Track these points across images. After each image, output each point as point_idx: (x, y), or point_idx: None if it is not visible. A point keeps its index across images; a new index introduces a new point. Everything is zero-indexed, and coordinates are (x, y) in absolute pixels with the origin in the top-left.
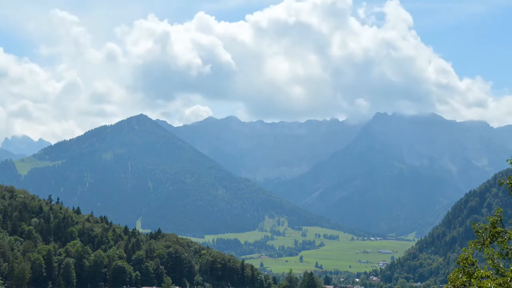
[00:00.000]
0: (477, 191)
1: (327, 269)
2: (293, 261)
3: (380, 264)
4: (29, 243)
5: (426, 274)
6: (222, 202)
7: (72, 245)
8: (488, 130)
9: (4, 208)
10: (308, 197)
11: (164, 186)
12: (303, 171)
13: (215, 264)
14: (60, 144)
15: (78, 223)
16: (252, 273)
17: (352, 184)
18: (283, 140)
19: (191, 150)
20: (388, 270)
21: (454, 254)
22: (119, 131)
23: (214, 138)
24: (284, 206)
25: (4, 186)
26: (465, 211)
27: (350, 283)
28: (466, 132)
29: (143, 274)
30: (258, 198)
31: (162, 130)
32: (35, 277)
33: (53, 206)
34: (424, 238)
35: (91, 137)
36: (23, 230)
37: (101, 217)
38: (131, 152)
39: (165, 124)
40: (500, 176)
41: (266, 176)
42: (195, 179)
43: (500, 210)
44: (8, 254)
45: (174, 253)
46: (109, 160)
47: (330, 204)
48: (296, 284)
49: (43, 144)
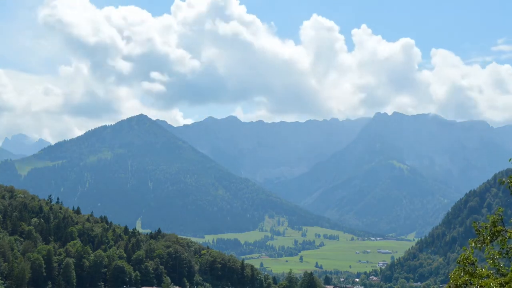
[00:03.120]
0: (477, 191)
1: (327, 269)
2: (293, 261)
3: (380, 264)
4: (29, 243)
5: (426, 274)
6: (222, 202)
7: (72, 245)
8: (488, 130)
9: (4, 208)
10: (308, 197)
11: (164, 186)
12: (303, 171)
13: (215, 264)
14: (60, 144)
15: (78, 223)
16: (252, 273)
17: (352, 184)
18: (283, 140)
19: (191, 150)
20: (388, 270)
21: (454, 254)
22: (119, 131)
23: (214, 138)
24: (284, 206)
25: (4, 186)
26: (465, 211)
27: (350, 283)
28: (466, 132)
29: (143, 274)
30: (258, 198)
31: (162, 130)
32: (35, 277)
33: (53, 206)
34: (424, 238)
35: (91, 137)
36: (23, 230)
37: (101, 217)
38: (131, 152)
39: (165, 124)
40: (500, 176)
41: (266, 176)
42: (195, 179)
43: (501, 209)
44: (8, 254)
45: (174, 253)
46: (109, 160)
47: (330, 204)
48: (296, 284)
49: (43, 144)
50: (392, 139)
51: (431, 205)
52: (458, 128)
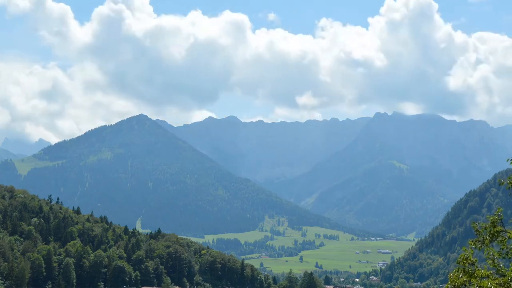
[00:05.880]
0: (477, 191)
1: (327, 269)
2: (293, 261)
3: (380, 264)
4: (29, 243)
5: (426, 274)
6: (222, 202)
7: (72, 245)
8: (488, 130)
9: (4, 208)
10: (308, 197)
11: (164, 186)
12: (303, 171)
13: (215, 264)
14: (60, 144)
15: (78, 223)
16: (252, 273)
17: (352, 184)
18: (283, 140)
19: (191, 150)
20: (388, 270)
21: (454, 254)
22: (119, 131)
23: (214, 138)
24: (284, 206)
25: (4, 186)
26: (465, 211)
27: (350, 283)
28: (466, 132)
29: (143, 274)
30: (258, 198)
31: (162, 130)
32: (35, 277)
33: (53, 206)
34: (424, 238)
35: (91, 137)
36: (23, 230)
37: (101, 217)
38: (131, 152)
39: (165, 124)
40: (500, 176)
41: (266, 176)
42: (195, 179)
43: (501, 209)
44: (8, 254)
45: (174, 253)
46: (109, 160)
47: (330, 204)
48: (296, 284)
49: (43, 144)
50: (392, 139)
51: (431, 205)
52: (458, 128)
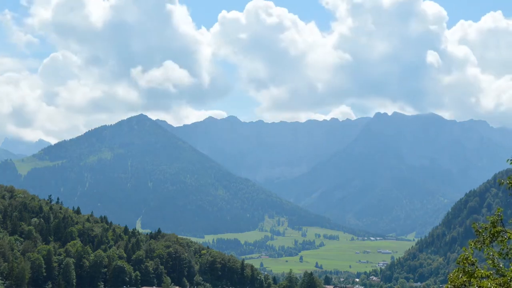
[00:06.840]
0: (477, 191)
1: (327, 269)
2: (293, 261)
3: (380, 264)
4: (29, 243)
5: (426, 274)
6: (222, 202)
7: (72, 245)
8: (488, 130)
9: (4, 208)
10: (308, 197)
11: (164, 186)
12: (303, 171)
13: (215, 264)
14: (60, 144)
15: (78, 223)
16: (252, 273)
17: (352, 184)
18: (283, 140)
19: (191, 150)
20: (388, 270)
21: (454, 254)
22: (119, 131)
23: (214, 138)
24: (284, 206)
25: (4, 186)
26: (465, 211)
27: (350, 283)
28: (466, 132)
29: (143, 274)
30: (258, 198)
31: (162, 130)
32: (35, 277)
33: (53, 206)
34: (424, 238)
35: (91, 137)
36: (23, 230)
37: (101, 217)
38: (131, 152)
39: (165, 124)
40: (500, 176)
41: (266, 176)
42: (195, 179)
43: (501, 209)
44: (8, 254)
45: (174, 253)
46: (109, 160)
47: (330, 204)
48: (296, 284)
49: (43, 144)
50: (392, 139)
51: (431, 205)
52: (458, 128)
